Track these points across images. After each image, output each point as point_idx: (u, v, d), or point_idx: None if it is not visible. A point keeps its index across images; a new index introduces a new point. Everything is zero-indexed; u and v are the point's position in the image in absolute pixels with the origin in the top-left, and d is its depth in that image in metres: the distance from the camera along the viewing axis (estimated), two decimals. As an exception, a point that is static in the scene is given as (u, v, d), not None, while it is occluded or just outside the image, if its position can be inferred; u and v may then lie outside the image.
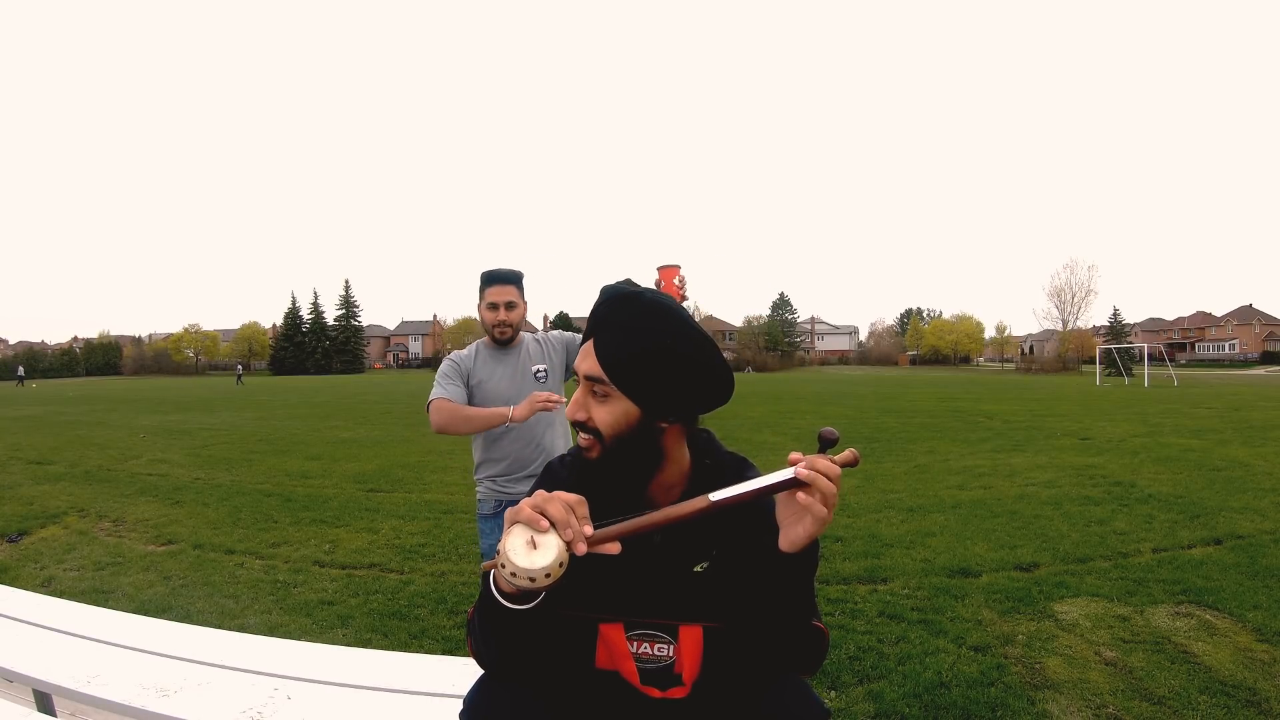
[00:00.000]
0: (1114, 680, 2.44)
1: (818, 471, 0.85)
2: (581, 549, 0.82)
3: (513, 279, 2.37)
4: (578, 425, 1.00)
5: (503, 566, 0.80)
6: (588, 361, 0.99)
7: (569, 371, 2.44)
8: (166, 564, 3.97)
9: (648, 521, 0.86)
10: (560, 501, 0.84)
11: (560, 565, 0.80)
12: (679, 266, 2.31)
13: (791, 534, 0.89)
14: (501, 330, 2.34)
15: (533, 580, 0.79)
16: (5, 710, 1.60)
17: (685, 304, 2.03)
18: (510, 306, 2.34)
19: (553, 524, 0.83)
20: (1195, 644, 2.69)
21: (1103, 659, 2.59)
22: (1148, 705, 2.26)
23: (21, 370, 43.02)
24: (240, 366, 49.96)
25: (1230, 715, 2.18)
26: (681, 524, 0.88)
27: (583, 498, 0.86)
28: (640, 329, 0.98)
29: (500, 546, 0.82)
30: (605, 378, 0.97)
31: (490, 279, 2.36)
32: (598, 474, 1.01)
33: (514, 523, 0.83)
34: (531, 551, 0.80)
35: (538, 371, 2.39)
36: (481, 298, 2.38)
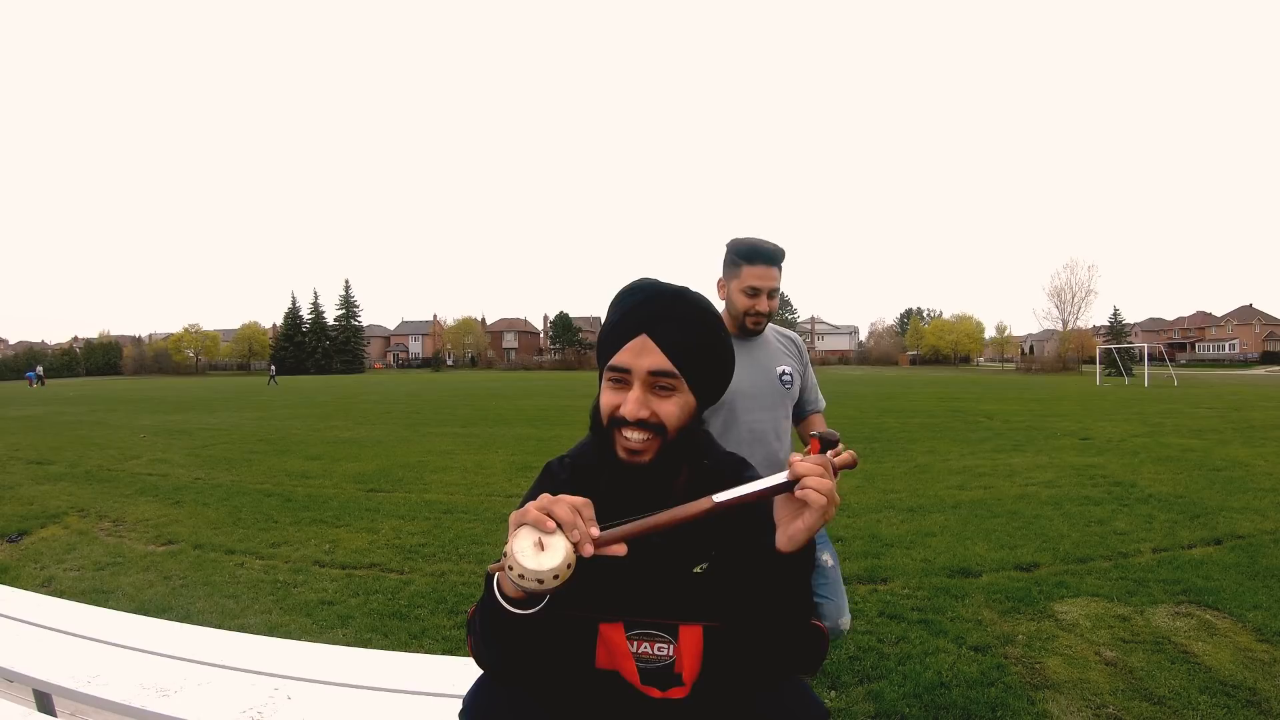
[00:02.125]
0: (1114, 680, 2.44)
1: (812, 471, 0.87)
2: (589, 550, 0.82)
3: (778, 259, 1.94)
4: (639, 424, 0.97)
5: (510, 568, 0.80)
6: (651, 357, 0.98)
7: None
8: (166, 564, 3.96)
9: (653, 523, 0.86)
10: (567, 503, 0.84)
11: (568, 567, 0.80)
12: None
13: (789, 531, 0.90)
14: (755, 321, 1.93)
15: (540, 582, 0.79)
16: (5, 710, 1.60)
17: None
18: (773, 294, 1.93)
19: (559, 525, 0.82)
20: (1195, 644, 2.69)
21: (1103, 659, 2.59)
22: (1148, 705, 2.26)
23: (39, 370, 43.27)
24: (273, 366, 48.13)
25: (1230, 715, 2.18)
26: (684, 525, 0.88)
27: (589, 500, 0.86)
28: (698, 322, 1.01)
29: (507, 548, 0.81)
30: (676, 371, 0.98)
31: (753, 254, 1.91)
32: (644, 473, 0.99)
33: (520, 524, 0.83)
34: (539, 553, 0.80)
35: (783, 374, 2.00)
36: (735, 275, 1.94)
